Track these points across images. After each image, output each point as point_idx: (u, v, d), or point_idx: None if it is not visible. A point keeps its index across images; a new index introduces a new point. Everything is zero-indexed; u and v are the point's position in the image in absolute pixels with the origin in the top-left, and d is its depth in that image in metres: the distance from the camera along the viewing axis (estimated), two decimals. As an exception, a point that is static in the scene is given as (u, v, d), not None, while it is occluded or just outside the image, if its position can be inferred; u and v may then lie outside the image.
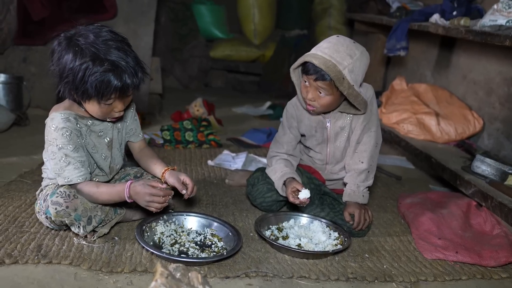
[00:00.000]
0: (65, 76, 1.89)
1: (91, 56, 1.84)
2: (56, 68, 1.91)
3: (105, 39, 1.88)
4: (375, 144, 2.37)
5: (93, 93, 1.87)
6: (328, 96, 2.20)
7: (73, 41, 1.88)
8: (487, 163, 2.75)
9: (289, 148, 2.47)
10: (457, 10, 3.31)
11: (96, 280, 1.78)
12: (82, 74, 1.84)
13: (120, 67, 1.86)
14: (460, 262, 2.21)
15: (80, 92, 1.88)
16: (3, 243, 1.94)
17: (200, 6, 6.05)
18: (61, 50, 1.89)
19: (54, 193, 1.92)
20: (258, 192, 2.47)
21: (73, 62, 1.85)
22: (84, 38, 1.87)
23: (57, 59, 1.90)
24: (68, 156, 1.93)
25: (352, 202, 2.34)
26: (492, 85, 3.42)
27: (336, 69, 2.09)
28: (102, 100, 1.90)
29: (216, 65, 6.17)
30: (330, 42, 2.18)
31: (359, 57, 2.16)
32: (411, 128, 3.59)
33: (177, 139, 3.52)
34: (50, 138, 1.94)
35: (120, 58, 1.87)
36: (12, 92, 3.81)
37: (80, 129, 1.99)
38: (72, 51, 1.86)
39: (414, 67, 4.47)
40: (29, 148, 3.16)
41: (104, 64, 1.84)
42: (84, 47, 1.85)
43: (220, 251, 2.06)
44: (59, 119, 1.93)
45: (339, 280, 1.98)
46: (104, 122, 2.09)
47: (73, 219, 1.93)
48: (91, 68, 1.83)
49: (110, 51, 1.86)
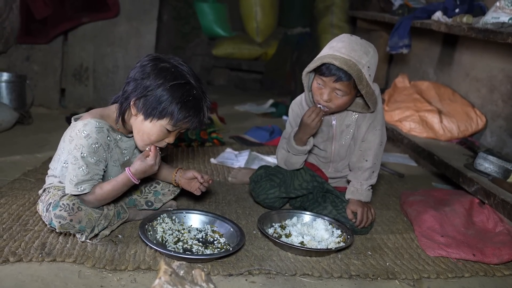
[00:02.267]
0: (144, 93, 1.89)
1: (180, 80, 1.89)
2: (139, 86, 1.90)
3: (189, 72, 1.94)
4: (380, 143, 2.37)
5: (176, 115, 1.89)
6: (345, 97, 2.19)
7: (160, 63, 1.91)
8: (489, 161, 2.75)
9: None
10: (459, 7, 3.30)
11: (100, 278, 1.79)
12: (167, 95, 1.87)
13: (201, 100, 1.94)
14: (463, 260, 2.21)
15: (160, 109, 1.89)
16: (7, 241, 1.94)
17: (202, 4, 6.04)
18: (151, 66, 1.91)
19: (58, 205, 1.90)
20: (261, 189, 2.48)
21: (159, 82, 1.88)
22: (171, 62, 1.92)
23: (140, 78, 1.91)
24: (88, 166, 1.91)
25: (355, 199, 2.34)
26: (494, 82, 3.41)
27: (357, 68, 2.07)
28: (175, 126, 1.94)
29: (219, 63, 6.17)
30: (344, 42, 2.16)
31: (373, 54, 2.16)
32: (414, 126, 3.58)
33: (179, 137, 3.52)
34: (77, 143, 1.90)
35: (206, 97, 1.95)
36: (15, 90, 3.82)
37: (109, 142, 1.98)
38: (160, 72, 1.89)
39: (416, 65, 4.47)
40: (32, 146, 3.17)
41: (193, 92, 1.90)
42: (175, 70, 1.89)
43: (224, 247, 2.07)
44: (92, 127, 1.91)
45: (342, 277, 1.98)
46: (129, 141, 2.09)
47: (78, 230, 1.93)
48: (179, 92, 1.87)
49: (191, 80, 1.92)
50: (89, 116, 1.96)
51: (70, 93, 4.32)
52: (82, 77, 4.29)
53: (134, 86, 1.91)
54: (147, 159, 1.95)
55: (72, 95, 4.31)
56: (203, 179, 2.18)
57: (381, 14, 4.40)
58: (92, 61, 4.29)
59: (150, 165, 1.95)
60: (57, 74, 4.22)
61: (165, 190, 2.32)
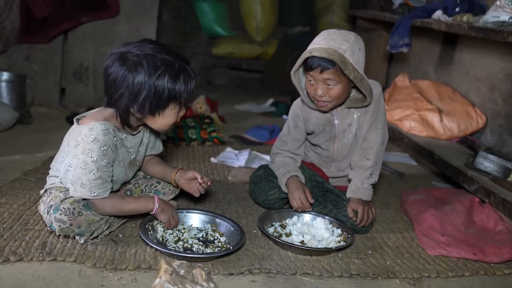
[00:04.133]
0: (139, 98, 1.87)
1: (161, 67, 1.85)
2: (126, 92, 1.86)
3: (156, 49, 1.89)
4: (381, 142, 2.37)
5: (178, 95, 1.90)
6: (338, 85, 2.20)
7: (129, 61, 1.85)
8: (490, 160, 2.74)
9: (292, 147, 2.48)
10: (459, 6, 3.30)
11: (100, 277, 1.79)
12: (160, 85, 1.85)
13: (186, 67, 1.92)
14: (463, 259, 2.21)
15: (162, 101, 1.89)
16: (8, 240, 1.94)
17: (202, 4, 6.05)
18: (123, 73, 1.85)
19: (58, 209, 1.90)
20: (261, 190, 2.48)
21: (145, 80, 1.84)
22: (139, 55, 1.86)
23: (122, 83, 1.86)
24: (99, 170, 1.90)
25: (356, 198, 2.34)
26: (495, 81, 3.41)
27: (338, 53, 2.11)
28: (181, 102, 1.95)
29: (219, 63, 6.17)
30: (322, 35, 2.22)
31: (354, 40, 2.18)
32: (414, 125, 3.58)
33: (180, 137, 3.53)
34: (85, 147, 1.88)
35: (179, 59, 1.91)
36: (15, 90, 3.82)
37: (116, 143, 1.98)
38: (137, 71, 1.84)
39: (416, 64, 4.47)
40: (32, 146, 3.17)
41: (175, 66, 1.87)
42: (148, 61, 1.85)
43: (224, 246, 2.07)
44: (99, 130, 1.89)
45: (342, 276, 1.98)
46: (134, 139, 2.09)
47: (77, 234, 1.94)
48: (167, 76, 1.85)
49: (168, 58, 1.88)
50: (92, 120, 1.94)
51: (70, 92, 4.32)
52: (82, 76, 4.29)
53: (124, 98, 1.87)
54: (171, 221, 2.11)
55: (72, 94, 4.31)
56: (203, 180, 2.18)
57: (381, 13, 4.40)
58: (92, 61, 4.28)
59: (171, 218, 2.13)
60: (57, 74, 4.22)
61: (166, 189, 2.32)
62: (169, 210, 2.11)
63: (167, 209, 2.11)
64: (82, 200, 1.95)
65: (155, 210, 2.06)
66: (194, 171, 2.23)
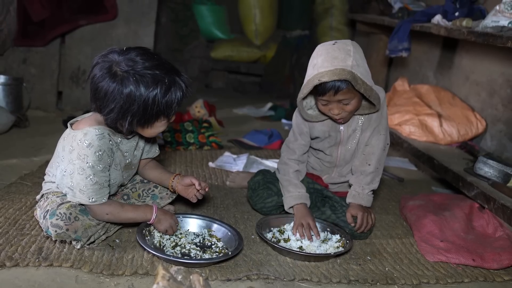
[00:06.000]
0: (128, 114, 1.85)
1: (152, 85, 1.83)
2: (116, 108, 1.84)
3: (146, 64, 1.87)
4: (383, 148, 2.36)
5: (167, 109, 1.89)
6: (353, 100, 2.17)
7: (118, 77, 1.83)
8: (489, 165, 2.74)
9: (301, 153, 2.43)
10: (459, 11, 3.29)
11: (97, 283, 1.78)
12: (149, 103, 1.84)
13: (176, 80, 1.90)
14: (463, 265, 2.20)
15: (151, 115, 1.87)
16: (4, 245, 1.93)
17: (200, 7, 6.04)
18: (113, 89, 1.83)
19: (54, 214, 1.89)
20: (259, 197, 2.46)
21: (134, 98, 1.82)
22: (128, 71, 1.83)
23: (112, 99, 1.84)
24: (96, 175, 1.89)
25: (356, 204, 2.33)
26: (494, 86, 3.41)
27: (346, 71, 2.06)
28: (170, 114, 1.94)
29: (217, 66, 6.15)
30: (322, 54, 2.14)
31: (354, 50, 2.14)
32: (414, 130, 3.57)
33: (178, 141, 3.51)
34: (80, 153, 1.87)
35: (169, 73, 1.89)
36: (12, 93, 3.80)
37: (112, 147, 1.97)
38: (128, 86, 1.82)
39: (416, 68, 4.47)
40: (29, 150, 3.16)
41: (165, 82, 1.86)
42: (137, 78, 1.83)
43: (222, 251, 2.06)
44: (93, 135, 1.88)
45: (340, 282, 1.97)
46: (129, 143, 2.08)
47: (73, 239, 1.93)
48: (156, 93, 1.84)
49: (158, 73, 1.86)
50: (86, 125, 1.93)
51: (67, 96, 4.30)
52: (79, 79, 4.28)
53: (114, 113, 1.85)
54: (168, 230, 2.11)
55: (69, 98, 4.30)
56: (200, 186, 2.17)
57: (380, 17, 4.40)
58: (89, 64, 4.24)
59: (171, 222, 2.13)
60: (54, 77, 4.20)
61: (163, 194, 2.31)
62: (168, 220, 2.10)
63: (165, 219, 2.09)
64: (79, 205, 1.94)
65: (152, 220, 2.05)
66: (191, 177, 2.21)
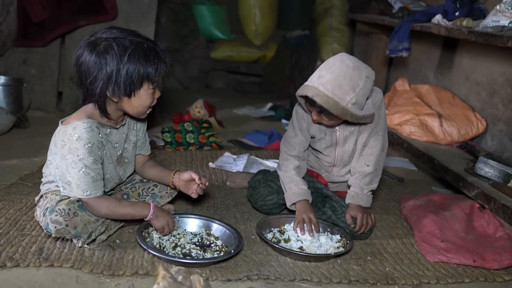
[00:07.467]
0: (113, 79, 1.87)
1: (130, 46, 1.87)
2: (100, 75, 1.87)
3: (124, 33, 1.92)
4: (381, 148, 2.36)
5: (150, 74, 1.91)
6: (333, 120, 2.20)
7: (99, 46, 1.88)
8: (490, 165, 2.74)
9: (301, 150, 2.42)
10: (459, 10, 3.29)
11: (97, 283, 1.78)
12: (131, 64, 1.87)
13: (155, 47, 1.93)
14: (463, 265, 2.20)
15: (135, 80, 1.89)
16: (5, 246, 1.93)
17: (200, 7, 6.04)
18: (95, 59, 1.87)
19: (54, 210, 1.91)
20: (259, 195, 2.46)
21: (117, 61, 1.86)
22: (107, 39, 1.89)
23: (95, 68, 1.88)
24: (87, 167, 1.90)
25: (355, 204, 2.32)
26: (495, 86, 3.41)
27: (338, 106, 2.06)
28: (154, 82, 1.95)
29: (217, 66, 6.15)
30: (333, 73, 2.08)
31: (362, 87, 2.09)
32: (414, 130, 3.57)
33: (178, 141, 3.51)
34: (71, 147, 1.89)
35: (147, 40, 1.93)
36: (12, 94, 3.80)
37: (102, 139, 1.98)
38: (108, 54, 1.86)
39: (416, 68, 4.46)
40: (29, 150, 3.16)
41: (144, 46, 1.89)
42: (118, 43, 1.87)
43: (222, 250, 2.07)
44: (82, 128, 1.90)
45: (341, 283, 1.97)
46: (118, 134, 2.09)
47: (74, 235, 1.94)
48: (137, 55, 1.87)
49: (136, 39, 1.91)
50: (75, 119, 1.95)
51: (67, 96, 4.29)
52: (79, 80, 4.27)
53: (99, 81, 1.88)
54: (165, 228, 2.09)
55: (69, 98, 4.29)
56: (201, 180, 2.17)
57: (380, 17, 4.40)
58: (90, 64, 4.26)
59: (168, 220, 2.12)
60: (54, 77, 4.20)
61: (163, 192, 2.31)
62: (165, 217, 2.10)
63: (162, 216, 2.09)
64: (78, 201, 1.95)
65: (149, 216, 2.05)
66: (191, 171, 2.21)
